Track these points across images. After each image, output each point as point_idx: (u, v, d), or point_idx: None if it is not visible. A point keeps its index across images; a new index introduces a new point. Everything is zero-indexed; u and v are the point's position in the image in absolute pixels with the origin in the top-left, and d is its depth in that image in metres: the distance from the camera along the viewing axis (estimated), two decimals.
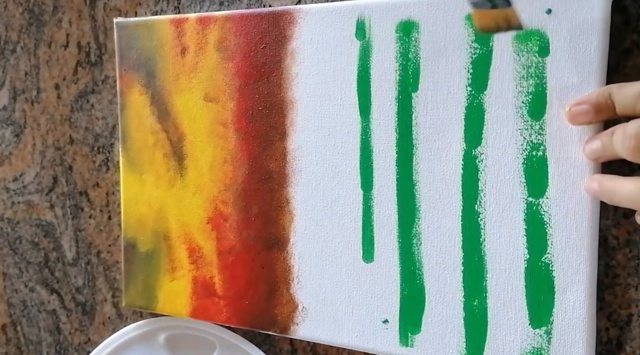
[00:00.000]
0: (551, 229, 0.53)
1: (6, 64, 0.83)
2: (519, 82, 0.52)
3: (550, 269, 0.53)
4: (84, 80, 0.78)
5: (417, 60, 0.56)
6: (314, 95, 0.61)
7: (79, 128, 0.79)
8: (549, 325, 0.53)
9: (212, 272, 0.67)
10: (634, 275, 0.54)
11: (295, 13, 0.61)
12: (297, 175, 0.62)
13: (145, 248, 0.71)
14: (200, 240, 0.67)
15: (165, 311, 0.70)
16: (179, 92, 0.67)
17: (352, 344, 0.61)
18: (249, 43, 0.63)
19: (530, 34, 0.52)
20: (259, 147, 0.63)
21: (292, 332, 0.64)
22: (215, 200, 0.66)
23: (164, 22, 0.67)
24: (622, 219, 0.54)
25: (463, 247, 0.56)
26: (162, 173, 0.69)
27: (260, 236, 0.64)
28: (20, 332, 0.87)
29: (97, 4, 0.76)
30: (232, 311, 0.66)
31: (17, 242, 0.85)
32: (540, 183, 0.53)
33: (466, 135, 0.55)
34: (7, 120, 0.84)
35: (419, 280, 0.57)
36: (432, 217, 0.57)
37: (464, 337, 0.56)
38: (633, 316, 0.54)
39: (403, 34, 0.56)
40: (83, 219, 0.80)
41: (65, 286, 0.82)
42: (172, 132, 0.68)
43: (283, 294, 0.64)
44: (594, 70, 0.50)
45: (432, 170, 0.56)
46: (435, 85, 0.56)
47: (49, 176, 0.82)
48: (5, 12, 0.83)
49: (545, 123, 0.52)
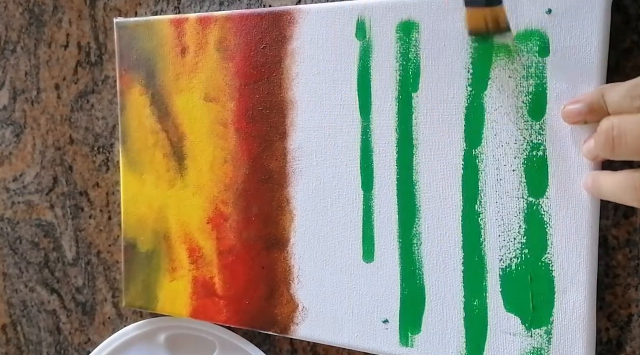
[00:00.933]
0: (551, 228, 0.53)
1: (6, 64, 0.83)
2: (519, 82, 0.52)
3: (550, 268, 0.53)
4: (84, 80, 0.78)
5: (417, 60, 0.56)
6: (314, 95, 0.61)
7: (79, 128, 0.79)
8: (549, 325, 0.53)
9: (212, 272, 0.67)
10: (634, 275, 0.54)
11: (295, 13, 0.61)
12: (298, 175, 0.62)
13: (145, 248, 0.71)
14: (201, 240, 0.67)
15: (165, 311, 0.70)
16: (179, 92, 0.67)
17: (352, 344, 0.61)
18: (249, 43, 0.63)
19: (530, 34, 0.52)
20: (259, 147, 0.63)
21: (292, 332, 0.64)
22: (216, 200, 0.66)
23: (164, 22, 0.67)
24: (622, 219, 0.54)
25: (463, 247, 0.56)
26: (162, 173, 0.69)
27: (260, 236, 0.64)
28: (20, 332, 0.87)
29: (97, 4, 0.76)
30: (232, 311, 0.66)
31: (17, 242, 0.85)
32: (540, 183, 0.53)
33: (466, 135, 0.55)
34: (7, 120, 0.84)
35: (419, 280, 0.57)
36: (432, 217, 0.57)
37: (464, 337, 0.56)
38: (633, 316, 0.54)
39: (403, 34, 0.56)
40: (83, 219, 0.80)
41: (65, 286, 0.82)
42: (172, 132, 0.68)
43: (283, 294, 0.64)
44: (594, 70, 0.50)
45: (433, 170, 0.56)
46: (435, 85, 0.56)
47: (48, 176, 0.82)
48: (5, 12, 0.83)
49: (545, 123, 0.52)
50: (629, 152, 0.44)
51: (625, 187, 0.46)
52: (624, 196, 0.46)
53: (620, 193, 0.47)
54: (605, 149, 0.46)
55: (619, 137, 0.44)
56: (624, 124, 0.44)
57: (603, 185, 0.49)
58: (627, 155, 0.45)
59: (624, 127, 0.44)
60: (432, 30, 0.55)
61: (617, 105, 0.46)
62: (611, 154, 0.46)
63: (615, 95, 0.47)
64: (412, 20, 0.56)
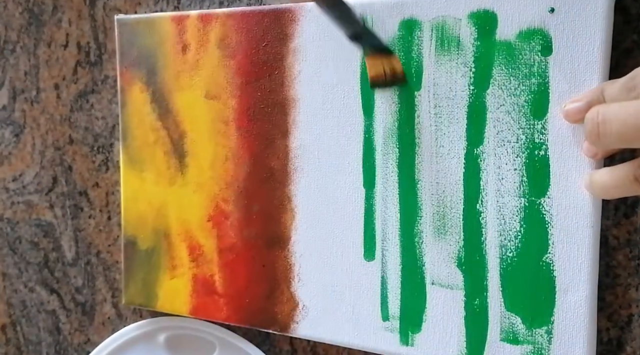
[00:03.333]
0: (552, 228, 0.53)
1: (6, 63, 0.83)
2: (521, 80, 0.53)
3: (551, 268, 0.53)
4: (83, 80, 0.78)
5: (419, 58, 0.56)
6: (316, 93, 0.61)
7: (79, 128, 0.79)
8: (549, 325, 0.53)
9: (213, 270, 0.67)
10: (635, 275, 0.54)
11: (297, 11, 0.61)
12: (299, 174, 0.62)
13: (145, 246, 0.71)
14: (201, 238, 0.67)
15: (165, 309, 0.70)
16: (180, 89, 0.67)
17: (352, 343, 0.61)
18: (251, 41, 0.63)
19: (533, 33, 0.52)
20: (261, 145, 0.63)
21: (292, 331, 0.64)
22: (216, 198, 0.66)
23: (165, 19, 0.67)
24: (623, 219, 0.54)
25: (464, 246, 0.56)
26: (163, 171, 0.69)
27: (261, 234, 0.64)
28: (20, 332, 0.87)
29: (97, 4, 0.76)
30: (232, 309, 0.66)
31: (16, 242, 0.85)
32: (542, 182, 0.53)
33: (468, 134, 0.55)
34: (6, 120, 0.84)
35: (420, 279, 0.57)
36: (433, 216, 0.57)
37: (465, 337, 0.56)
38: (633, 316, 0.54)
39: (406, 32, 0.56)
40: (83, 219, 0.80)
41: (65, 286, 0.82)
42: (173, 129, 0.68)
43: (283, 292, 0.64)
44: (597, 69, 0.50)
45: (434, 169, 0.56)
46: (437, 84, 0.56)
47: (48, 176, 0.82)
48: (5, 12, 0.83)
49: (547, 122, 0.52)
50: (615, 139, 0.44)
51: (625, 178, 0.46)
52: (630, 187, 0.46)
53: (621, 184, 0.47)
54: (592, 137, 0.45)
55: (604, 123, 0.44)
56: (609, 110, 0.44)
57: (594, 181, 0.49)
58: (613, 142, 0.44)
59: (609, 114, 0.44)
60: (434, 29, 0.55)
61: (614, 99, 0.47)
62: (597, 142, 0.45)
63: (613, 90, 0.47)
64: (415, 19, 0.56)
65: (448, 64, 0.55)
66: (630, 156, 0.52)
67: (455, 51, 0.55)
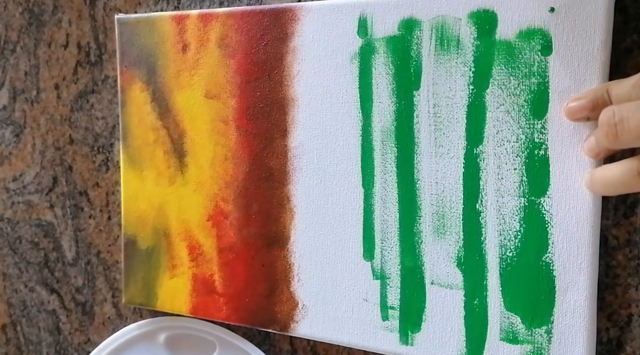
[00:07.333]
0: (552, 228, 0.53)
1: (6, 64, 0.83)
2: (521, 80, 0.53)
3: (551, 268, 0.53)
4: (83, 80, 0.78)
5: (419, 58, 0.56)
6: (315, 92, 0.61)
7: (79, 128, 0.79)
8: (549, 325, 0.53)
9: (212, 270, 0.67)
10: (634, 275, 0.53)
11: (297, 10, 0.61)
12: (298, 173, 0.62)
13: (145, 245, 0.71)
14: (201, 237, 0.67)
15: (165, 308, 0.70)
16: (180, 88, 0.67)
17: (352, 342, 0.61)
18: (251, 40, 0.63)
19: (533, 32, 0.52)
20: (260, 145, 0.63)
21: (292, 330, 0.64)
22: (216, 197, 0.66)
23: (165, 18, 0.67)
24: (623, 219, 0.54)
25: (464, 245, 0.56)
26: (163, 170, 0.69)
27: (260, 234, 0.64)
28: (20, 332, 0.87)
29: (97, 4, 0.76)
30: (232, 309, 0.66)
31: (17, 242, 0.85)
32: (541, 182, 0.53)
33: (468, 134, 0.55)
34: (7, 120, 0.84)
35: (420, 279, 0.57)
36: (433, 216, 0.57)
37: (464, 336, 0.56)
38: (633, 316, 0.54)
39: (405, 32, 0.56)
40: (83, 219, 0.80)
41: (65, 286, 0.82)
42: (173, 129, 0.68)
43: (283, 292, 0.64)
44: (597, 69, 0.50)
45: (434, 169, 0.56)
46: (437, 83, 0.56)
47: (48, 176, 0.82)
48: (5, 12, 0.83)
49: (547, 122, 0.52)
50: (634, 136, 0.44)
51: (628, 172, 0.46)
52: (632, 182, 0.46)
53: (624, 179, 0.47)
54: (609, 137, 0.45)
55: (621, 122, 0.44)
56: (625, 110, 0.44)
57: (607, 176, 0.48)
58: (631, 141, 0.44)
59: (625, 113, 0.44)
60: (434, 28, 0.55)
61: (626, 98, 0.46)
62: (615, 142, 0.45)
63: (622, 89, 0.47)
64: (414, 18, 0.56)
65: (448, 64, 0.55)
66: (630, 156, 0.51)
67: (455, 51, 0.55)
